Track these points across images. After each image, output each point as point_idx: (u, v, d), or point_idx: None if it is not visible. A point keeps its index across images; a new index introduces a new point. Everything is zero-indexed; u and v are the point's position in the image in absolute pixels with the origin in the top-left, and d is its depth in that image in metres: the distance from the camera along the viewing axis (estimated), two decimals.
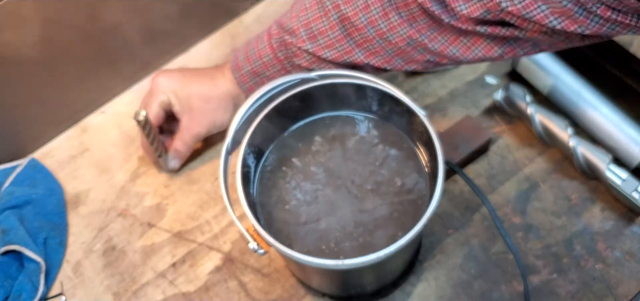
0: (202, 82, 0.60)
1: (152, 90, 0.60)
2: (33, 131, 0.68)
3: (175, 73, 0.61)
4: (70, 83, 0.68)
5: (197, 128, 0.61)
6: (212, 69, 0.61)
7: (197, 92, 0.59)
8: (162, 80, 0.60)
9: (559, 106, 0.62)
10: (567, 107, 0.61)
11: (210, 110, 0.60)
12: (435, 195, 0.43)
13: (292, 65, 0.56)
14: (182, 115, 0.60)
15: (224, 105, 0.60)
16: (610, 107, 0.59)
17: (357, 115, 0.55)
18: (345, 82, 0.52)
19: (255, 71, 0.58)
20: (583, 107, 0.60)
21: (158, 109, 0.59)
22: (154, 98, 0.59)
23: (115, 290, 0.58)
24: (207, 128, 0.61)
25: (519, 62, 0.65)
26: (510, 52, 0.48)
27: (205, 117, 0.60)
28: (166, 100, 0.59)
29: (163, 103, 0.60)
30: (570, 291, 0.53)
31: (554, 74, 0.62)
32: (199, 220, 0.61)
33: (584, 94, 0.60)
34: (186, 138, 0.61)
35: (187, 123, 0.60)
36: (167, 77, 0.60)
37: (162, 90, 0.59)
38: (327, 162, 0.52)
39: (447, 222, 0.58)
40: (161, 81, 0.60)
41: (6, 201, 0.61)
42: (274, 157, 0.54)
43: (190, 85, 0.59)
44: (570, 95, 0.61)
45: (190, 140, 0.61)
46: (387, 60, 0.53)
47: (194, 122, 0.60)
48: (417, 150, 0.52)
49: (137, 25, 0.68)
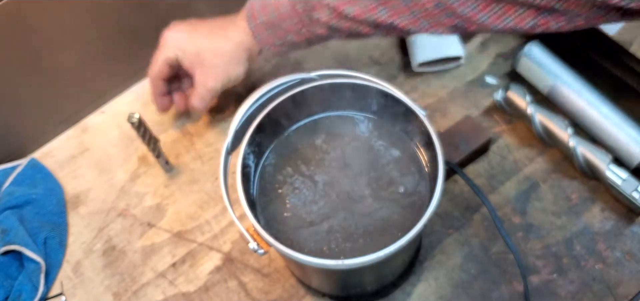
0: (213, 36, 0.58)
1: (160, 46, 0.59)
2: (33, 131, 0.68)
3: (184, 26, 0.59)
4: (70, 83, 0.68)
5: (212, 83, 0.59)
6: (225, 20, 0.59)
7: (207, 46, 0.58)
8: (170, 36, 0.58)
9: (559, 106, 0.62)
10: (567, 107, 0.61)
11: (223, 64, 0.58)
12: (435, 195, 0.43)
13: (310, 20, 0.53)
14: (193, 71, 0.59)
15: (237, 57, 0.58)
16: (610, 107, 0.59)
17: (357, 115, 0.55)
18: (345, 82, 0.52)
19: (271, 22, 0.55)
20: (583, 107, 0.60)
21: (162, 65, 0.59)
22: (160, 54, 0.59)
23: (115, 290, 0.58)
24: (222, 83, 0.60)
25: (519, 62, 0.65)
26: (543, 24, 0.45)
27: (219, 71, 0.59)
28: (173, 56, 0.58)
29: (169, 60, 0.59)
30: (570, 291, 0.53)
31: (554, 74, 0.62)
32: (199, 220, 0.61)
33: (584, 94, 0.60)
34: (202, 93, 0.60)
35: (200, 79, 0.59)
36: (175, 32, 0.58)
37: (169, 46, 0.58)
38: (327, 162, 0.52)
39: (447, 222, 0.58)
40: (169, 37, 0.58)
41: (6, 201, 0.61)
42: (274, 157, 0.54)
43: (199, 39, 0.58)
44: (570, 95, 0.61)
45: (206, 94, 0.60)
46: (412, 22, 0.50)
47: (208, 77, 0.59)
48: (417, 150, 0.52)
49: (137, 25, 0.68)
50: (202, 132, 0.68)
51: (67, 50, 0.64)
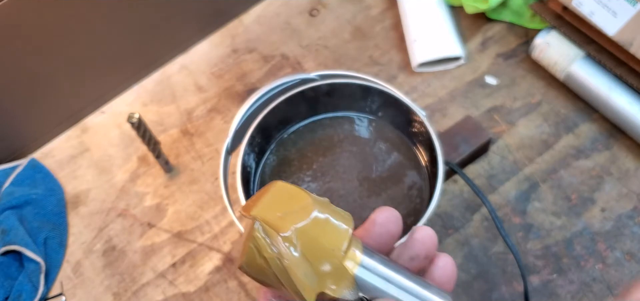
0: None
1: None
2: (33, 131, 0.68)
3: None
4: (70, 84, 0.68)
5: None
6: None
7: None
8: None
9: (577, 91, 0.64)
10: (586, 93, 0.63)
11: None
12: (435, 195, 0.43)
13: None
14: None
15: None
16: (630, 95, 0.60)
17: (357, 115, 0.55)
18: (345, 82, 0.52)
19: None
20: (604, 93, 0.61)
21: None
22: None
23: (115, 290, 0.58)
24: None
25: (536, 48, 0.65)
26: None
27: None
28: None
29: None
30: (570, 291, 0.53)
31: (572, 59, 0.63)
32: (199, 220, 0.61)
33: (603, 80, 0.61)
34: None
35: None
36: None
37: None
38: (327, 162, 0.52)
39: (447, 222, 0.58)
40: None
41: (6, 201, 0.61)
42: (274, 157, 0.54)
43: None
44: (589, 81, 0.62)
45: None
46: None
47: None
48: (416, 151, 0.52)
49: (137, 25, 0.68)
50: (202, 132, 0.68)
51: (67, 50, 0.64)
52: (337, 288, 0.25)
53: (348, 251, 0.25)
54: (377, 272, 0.26)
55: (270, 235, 0.24)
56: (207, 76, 0.73)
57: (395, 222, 0.28)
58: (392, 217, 0.28)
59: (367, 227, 0.28)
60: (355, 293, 0.25)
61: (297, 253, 0.24)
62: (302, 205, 0.25)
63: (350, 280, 0.25)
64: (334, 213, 0.26)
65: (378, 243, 0.27)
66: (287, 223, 0.24)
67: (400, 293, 0.26)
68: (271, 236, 0.24)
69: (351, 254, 0.25)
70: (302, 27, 0.76)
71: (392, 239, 0.28)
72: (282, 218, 0.25)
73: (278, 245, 0.24)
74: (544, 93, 0.66)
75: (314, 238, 0.25)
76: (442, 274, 0.28)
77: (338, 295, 0.25)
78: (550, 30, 0.65)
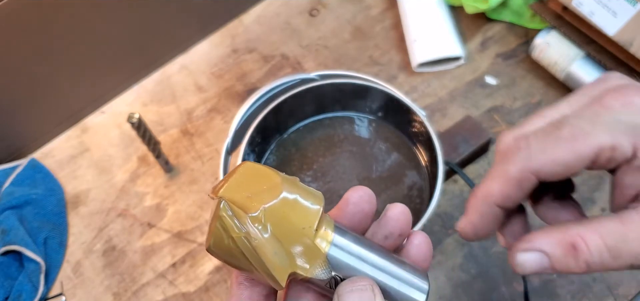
0: None
1: None
2: (33, 131, 0.68)
3: None
4: (70, 83, 0.68)
5: None
6: None
7: None
8: None
9: None
10: None
11: None
12: (435, 195, 0.43)
13: None
14: None
15: None
16: None
17: (357, 115, 0.55)
18: (345, 82, 0.52)
19: None
20: None
21: None
22: None
23: (115, 290, 0.58)
24: None
25: (536, 48, 0.65)
26: None
27: None
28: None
29: None
30: (570, 291, 0.53)
31: (572, 59, 0.63)
32: (199, 220, 0.61)
33: None
34: None
35: None
36: None
37: None
38: (327, 162, 0.52)
39: (447, 222, 0.58)
40: None
41: (6, 201, 0.61)
42: (274, 157, 0.54)
43: None
44: (588, 80, 0.61)
45: None
46: None
47: None
48: (416, 150, 0.52)
49: (137, 25, 0.68)
50: (202, 132, 0.68)
51: (67, 50, 0.64)
52: (310, 268, 0.24)
53: (319, 230, 0.25)
54: (349, 251, 0.25)
55: (238, 216, 0.24)
56: (207, 76, 0.73)
57: (368, 201, 0.27)
58: (365, 196, 0.27)
59: (341, 206, 0.27)
60: (328, 272, 0.25)
61: (266, 233, 0.24)
62: (271, 185, 0.24)
63: (323, 258, 0.24)
64: (304, 192, 0.25)
65: (352, 222, 0.27)
66: (255, 203, 0.24)
67: (374, 271, 0.25)
68: (239, 217, 0.24)
69: (323, 233, 0.25)
70: (302, 27, 0.76)
71: (366, 218, 0.28)
72: (250, 198, 0.24)
73: (246, 225, 0.24)
74: (544, 93, 0.66)
75: (283, 218, 0.24)
76: (418, 252, 0.28)
77: (310, 274, 0.24)
78: (550, 30, 0.65)
